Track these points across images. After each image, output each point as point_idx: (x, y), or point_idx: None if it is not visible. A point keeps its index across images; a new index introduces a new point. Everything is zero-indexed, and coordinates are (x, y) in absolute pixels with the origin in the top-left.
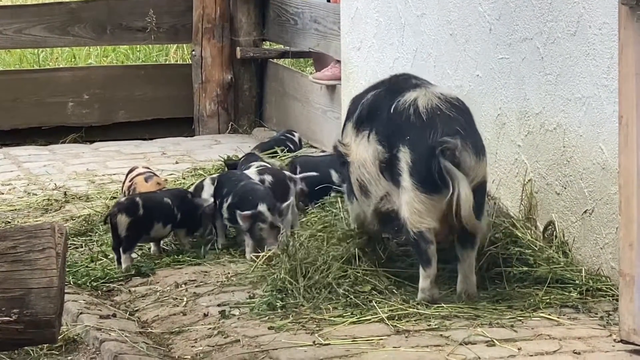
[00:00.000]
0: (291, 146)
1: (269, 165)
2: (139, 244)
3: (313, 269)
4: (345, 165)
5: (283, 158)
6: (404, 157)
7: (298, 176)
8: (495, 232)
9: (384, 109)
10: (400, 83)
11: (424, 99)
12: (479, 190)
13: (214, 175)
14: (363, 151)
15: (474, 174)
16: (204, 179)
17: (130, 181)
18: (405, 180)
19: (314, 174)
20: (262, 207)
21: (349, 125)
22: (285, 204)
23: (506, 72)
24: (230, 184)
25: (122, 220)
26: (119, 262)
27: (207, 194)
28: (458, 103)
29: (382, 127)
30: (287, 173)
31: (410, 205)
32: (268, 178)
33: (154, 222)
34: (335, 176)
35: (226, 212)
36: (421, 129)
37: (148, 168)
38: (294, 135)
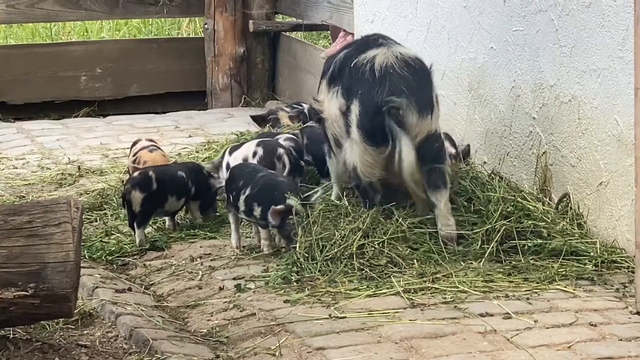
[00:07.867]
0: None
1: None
2: (154, 218)
3: (330, 243)
4: (322, 121)
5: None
6: (354, 109)
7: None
8: (507, 206)
9: (348, 66)
10: (369, 42)
11: (382, 57)
12: (427, 142)
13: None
14: (333, 106)
15: (417, 130)
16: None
17: (134, 155)
18: (354, 132)
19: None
20: (292, 201)
21: (323, 83)
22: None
23: (520, 45)
24: (246, 175)
25: (136, 195)
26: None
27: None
28: (414, 63)
29: (344, 82)
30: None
31: (361, 157)
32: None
33: (168, 196)
34: None
35: (243, 205)
36: (372, 85)
37: (152, 141)
38: (302, 107)
